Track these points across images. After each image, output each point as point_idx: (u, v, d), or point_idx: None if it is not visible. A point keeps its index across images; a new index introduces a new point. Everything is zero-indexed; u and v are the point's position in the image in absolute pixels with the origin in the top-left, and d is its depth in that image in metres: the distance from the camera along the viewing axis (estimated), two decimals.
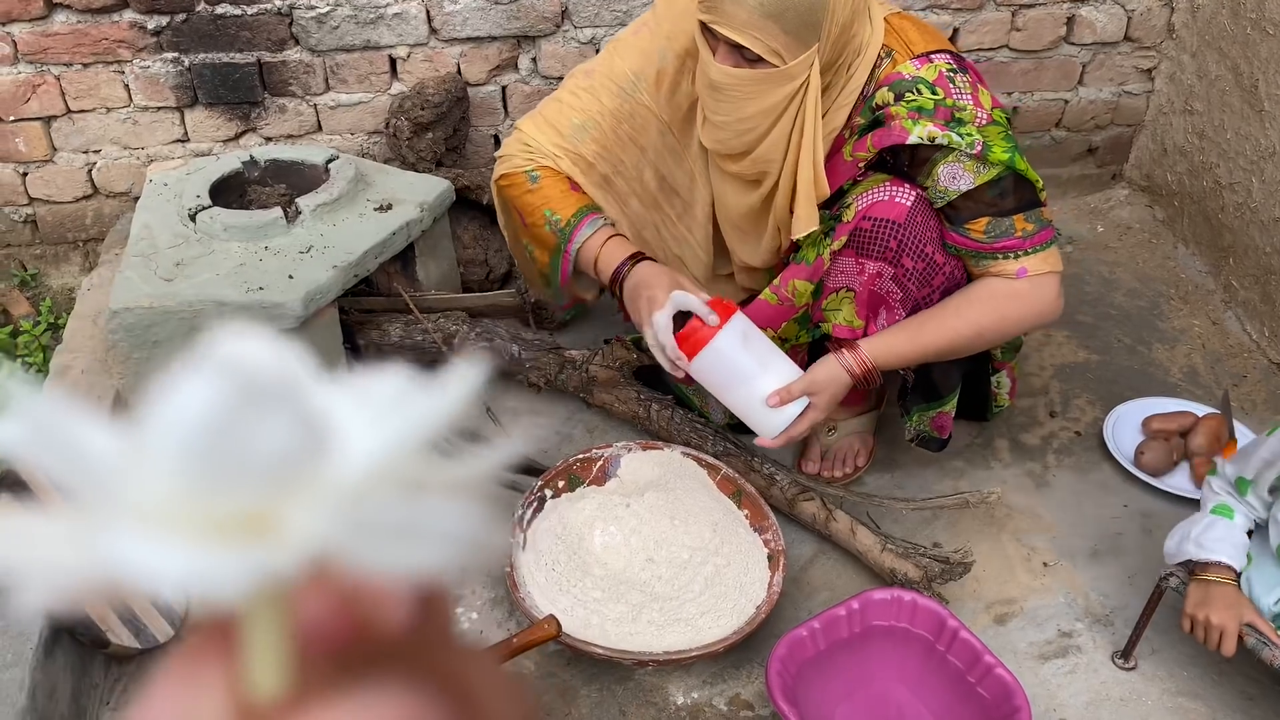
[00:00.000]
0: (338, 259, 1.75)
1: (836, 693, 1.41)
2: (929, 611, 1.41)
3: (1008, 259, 1.47)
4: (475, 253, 2.11)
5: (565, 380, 1.86)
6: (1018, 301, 1.48)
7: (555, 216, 1.59)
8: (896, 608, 1.42)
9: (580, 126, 1.61)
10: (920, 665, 1.42)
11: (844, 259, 1.54)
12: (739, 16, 1.33)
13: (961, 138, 1.41)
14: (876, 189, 1.49)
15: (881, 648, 1.43)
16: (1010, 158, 1.42)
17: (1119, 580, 1.62)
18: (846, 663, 1.42)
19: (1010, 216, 1.46)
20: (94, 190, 2.22)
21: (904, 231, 1.48)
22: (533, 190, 1.60)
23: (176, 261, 1.74)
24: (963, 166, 1.43)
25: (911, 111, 1.43)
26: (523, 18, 2.09)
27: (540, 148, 1.62)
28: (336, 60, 2.11)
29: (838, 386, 1.50)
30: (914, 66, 1.45)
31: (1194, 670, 1.48)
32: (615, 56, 1.60)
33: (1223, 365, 2.04)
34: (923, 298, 1.53)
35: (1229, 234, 2.14)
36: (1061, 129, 2.41)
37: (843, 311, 1.57)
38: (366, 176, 1.95)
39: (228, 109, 2.14)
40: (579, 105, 1.61)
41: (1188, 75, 2.25)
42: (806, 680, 1.39)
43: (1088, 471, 1.81)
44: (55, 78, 2.07)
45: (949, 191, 1.45)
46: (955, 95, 1.43)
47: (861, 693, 1.42)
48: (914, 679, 1.42)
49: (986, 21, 2.23)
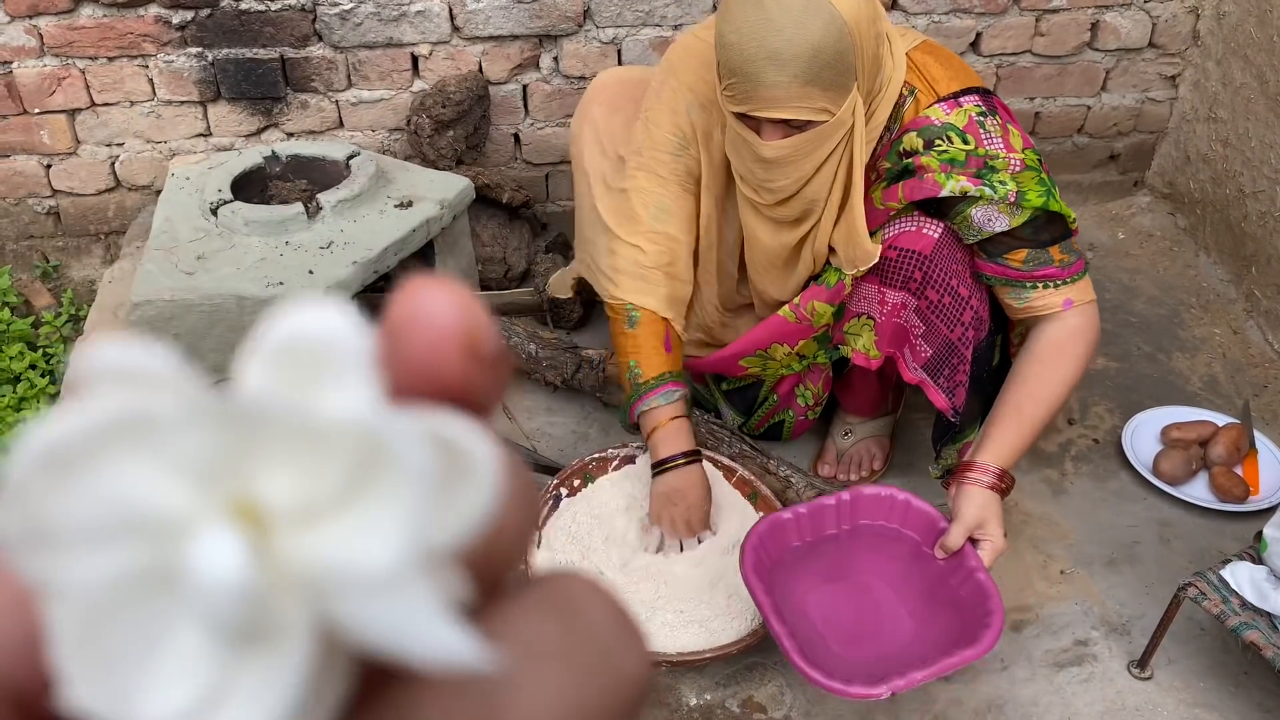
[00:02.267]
0: (358, 255, 1.75)
1: (813, 580, 1.42)
2: (921, 513, 1.42)
3: (1049, 288, 1.45)
4: (494, 251, 2.11)
5: (582, 379, 1.86)
6: (1081, 340, 1.46)
7: (637, 370, 1.55)
8: (888, 506, 1.42)
9: (657, 210, 1.56)
10: (904, 565, 1.43)
11: (866, 285, 1.51)
12: (777, 97, 1.30)
13: (994, 189, 1.38)
14: (903, 220, 1.47)
15: (868, 544, 1.44)
16: (1044, 201, 1.40)
17: (1136, 589, 1.61)
18: (829, 553, 1.44)
19: (1046, 248, 1.44)
20: (116, 183, 2.23)
21: (929, 264, 1.46)
22: (627, 334, 1.56)
23: (198, 255, 1.75)
24: (997, 210, 1.41)
25: (944, 164, 1.40)
26: (545, 17, 2.09)
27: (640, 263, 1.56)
28: (359, 57, 2.12)
29: (993, 507, 1.43)
30: (943, 111, 1.41)
31: (1211, 681, 1.47)
32: (651, 127, 1.55)
33: (1243, 375, 2.03)
34: (956, 337, 1.50)
35: (1251, 243, 2.13)
36: (1084, 135, 2.40)
37: (862, 338, 1.55)
38: (387, 173, 1.95)
39: (250, 104, 2.15)
40: (644, 187, 1.57)
41: (1212, 82, 2.24)
42: (785, 566, 1.41)
43: (1106, 479, 1.80)
44: (80, 71, 2.08)
45: (984, 231, 1.43)
46: (987, 143, 1.40)
47: (840, 584, 1.44)
48: (895, 577, 1.43)
49: (1010, 26, 2.22)
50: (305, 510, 0.17)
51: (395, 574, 0.16)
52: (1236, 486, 1.71)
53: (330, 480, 0.17)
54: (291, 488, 0.17)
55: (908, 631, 1.39)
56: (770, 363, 1.65)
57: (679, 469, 1.50)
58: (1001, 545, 1.42)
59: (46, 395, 1.95)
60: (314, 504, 0.17)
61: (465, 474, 0.18)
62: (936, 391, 1.53)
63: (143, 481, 0.17)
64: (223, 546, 0.16)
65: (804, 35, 1.25)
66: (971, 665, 1.49)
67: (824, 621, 1.40)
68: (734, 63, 1.30)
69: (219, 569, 0.16)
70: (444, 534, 0.17)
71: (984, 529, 1.41)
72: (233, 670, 0.17)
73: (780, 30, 1.26)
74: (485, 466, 0.18)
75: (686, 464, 1.51)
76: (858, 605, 1.42)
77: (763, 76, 1.28)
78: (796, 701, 1.45)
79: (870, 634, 1.39)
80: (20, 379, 1.99)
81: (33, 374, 1.99)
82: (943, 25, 2.19)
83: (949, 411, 1.54)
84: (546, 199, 2.34)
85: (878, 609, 1.42)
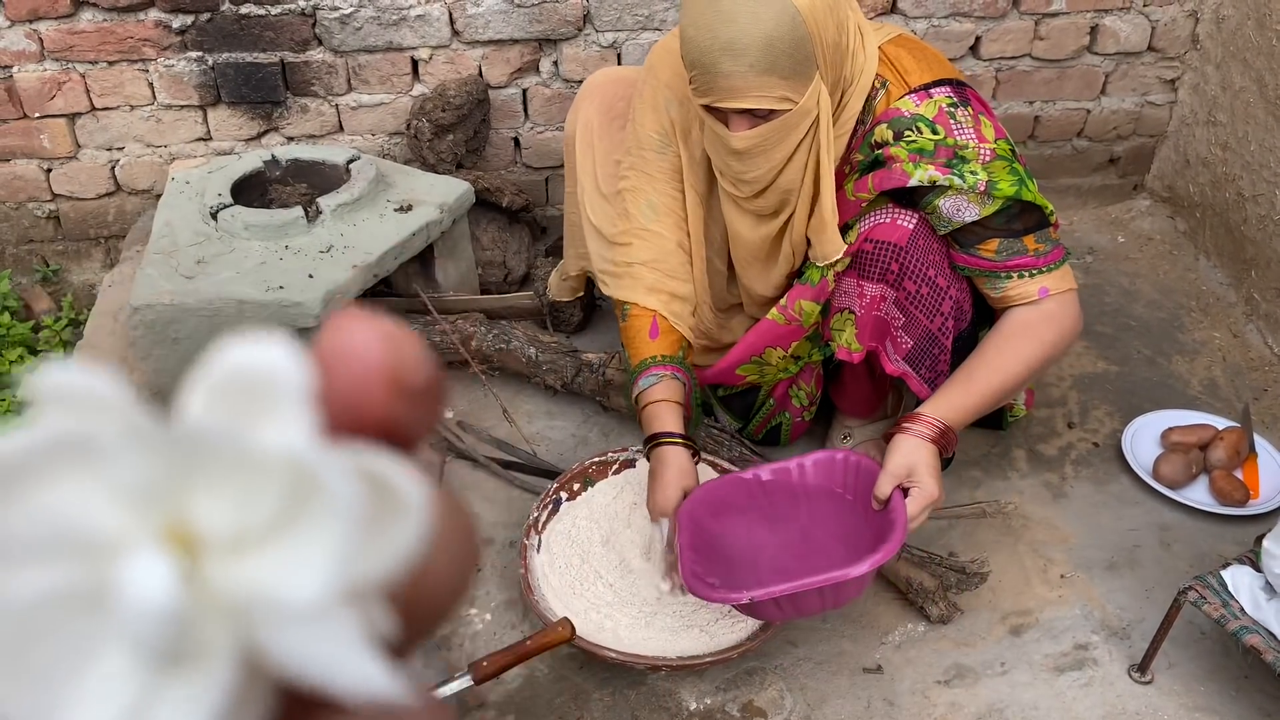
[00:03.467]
0: (357, 259, 1.75)
1: (758, 524, 1.46)
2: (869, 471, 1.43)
3: (1024, 278, 1.45)
4: (494, 254, 2.11)
5: (582, 383, 1.86)
6: (1051, 324, 1.46)
7: (628, 360, 1.59)
8: (842, 467, 1.46)
9: (648, 207, 1.60)
10: (840, 514, 1.45)
11: (846, 280, 1.52)
12: (736, 87, 1.31)
13: (963, 179, 1.39)
14: (878, 212, 1.48)
15: (816, 500, 1.47)
16: (1016, 190, 1.40)
17: (1136, 593, 1.61)
18: (780, 506, 1.47)
19: (1020, 238, 1.44)
20: (116, 187, 2.23)
21: (905, 255, 1.46)
22: (622, 328, 1.61)
23: (197, 259, 1.75)
24: (966, 199, 1.41)
25: (913, 154, 1.40)
26: (545, 21, 2.09)
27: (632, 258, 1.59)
28: (359, 61, 2.12)
29: (923, 455, 1.40)
30: (913, 102, 1.42)
31: (1211, 685, 1.47)
32: (636, 126, 1.59)
33: (1243, 378, 2.03)
34: (936, 328, 1.51)
35: (1251, 246, 2.13)
36: (1083, 139, 2.40)
37: (845, 333, 1.56)
38: (387, 177, 1.96)
39: (250, 108, 2.15)
40: (636, 186, 1.60)
41: (1211, 86, 2.24)
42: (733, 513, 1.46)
43: (1106, 483, 1.80)
44: (80, 75, 2.08)
45: (954, 221, 1.44)
46: (956, 133, 1.40)
47: (781, 528, 1.46)
48: (832, 525, 1.44)
49: (1009, 30, 2.22)
50: (237, 538, 0.18)
51: (320, 605, 0.17)
52: (1237, 490, 1.71)
53: (262, 510, 0.18)
54: (225, 515, 0.18)
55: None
56: (766, 368, 1.66)
57: (653, 450, 1.49)
58: (932, 493, 1.37)
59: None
60: (246, 532, 0.18)
61: (395, 511, 0.18)
62: (919, 382, 1.54)
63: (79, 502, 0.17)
64: (152, 569, 0.17)
65: (757, 24, 1.27)
66: (975, 668, 1.49)
67: (761, 557, 1.43)
68: (692, 55, 1.33)
69: (147, 591, 0.16)
70: (371, 568, 0.18)
71: (913, 476, 1.38)
72: (155, 692, 0.17)
73: (733, 20, 1.28)
74: (414, 504, 0.18)
75: (657, 446, 1.48)
76: (792, 547, 1.44)
77: (719, 67, 1.30)
78: (797, 706, 1.45)
79: (798, 570, 1.37)
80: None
81: None
82: (942, 29, 2.19)
83: None
84: (546, 203, 2.34)
85: (808, 548, 1.42)
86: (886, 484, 1.38)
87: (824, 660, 1.51)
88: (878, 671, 1.50)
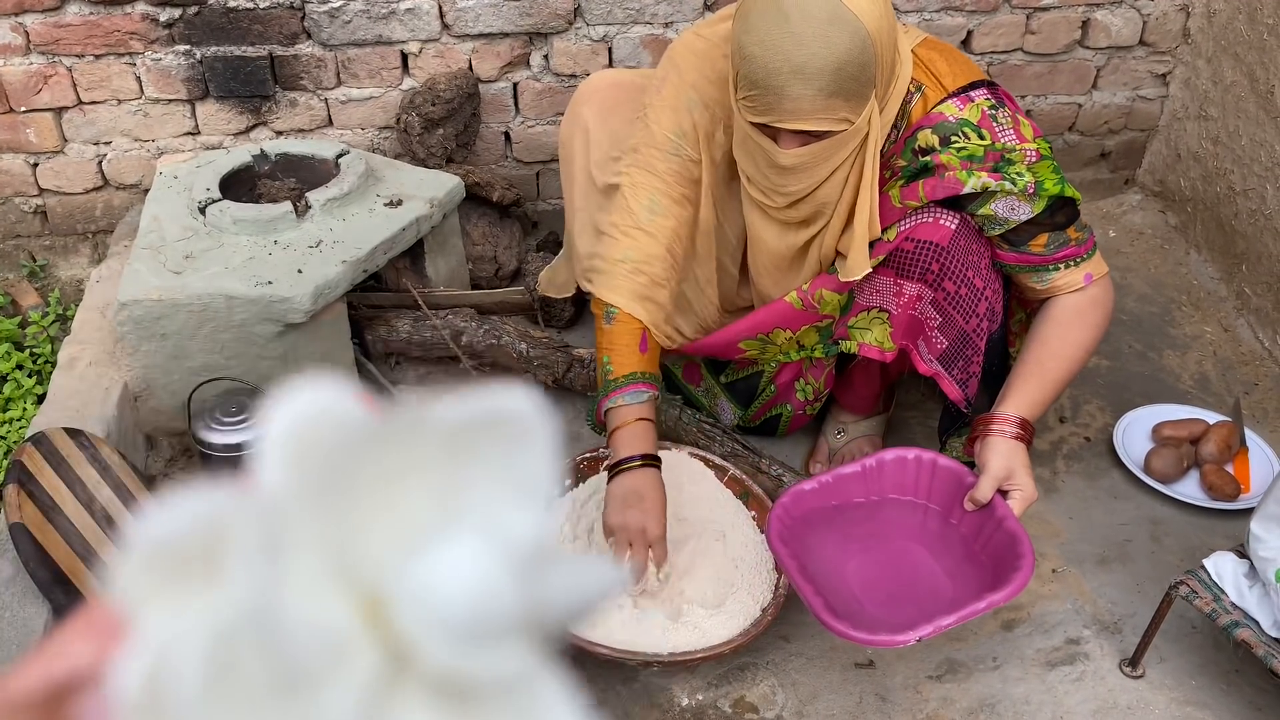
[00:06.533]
0: (347, 254, 1.75)
1: (848, 548, 1.43)
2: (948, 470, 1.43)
3: (1069, 267, 1.47)
4: (484, 249, 2.11)
5: (573, 379, 1.85)
6: (1099, 308, 1.49)
7: (610, 366, 1.51)
8: (915, 467, 1.45)
9: (649, 206, 1.53)
10: (937, 527, 1.44)
11: (880, 277, 1.50)
12: (801, 110, 1.29)
13: (1014, 181, 1.39)
14: (920, 212, 1.46)
15: (897, 510, 1.45)
16: (1060, 189, 1.42)
17: (1127, 587, 1.61)
18: (860, 520, 1.44)
19: (1064, 230, 1.46)
20: (104, 182, 2.22)
21: (947, 255, 1.45)
22: (604, 330, 1.53)
23: (185, 254, 1.74)
24: (1017, 199, 1.42)
25: (964, 161, 1.40)
26: (535, 14, 2.08)
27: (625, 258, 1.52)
28: (348, 55, 2.11)
29: (1019, 456, 1.41)
30: (955, 107, 1.41)
31: (1202, 679, 1.47)
32: (650, 124, 1.53)
33: (1234, 373, 2.03)
34: (972, 329, 1.50)
35: (1242, 241, 2.13)
36: (1075, 133, 2.40)
37: (873, 332, 1.55)
38: (377, 172, 1.95)
39: (239, 102, 2.14)
40: (639, 182, 1.54)
41: (1203, 80, 2.24)
42: (814, 533, 1.42)
43: (1097, 478, 1.80)
44: (67, 69, 2.07)
45: (1009, 221, 1.44)
46: (1001, 136, 1.41)
47: (875, 551, 1.44)
48: (929, 540, 1.44)
49: (1001, 24, 2.21)
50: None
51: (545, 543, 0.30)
52: (1227, 484, 1.71)
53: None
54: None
55: (947, 590, 1.39)
56: (769, 347, 1.63)
57: (637, 470, 1.43)
58: (1032, 493, 1.41)
59: (33, 395, 1.94)
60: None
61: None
62: (950, 383, 1.54)
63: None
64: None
65: (830, 50, 1.24)
66: (967, 663, 1.49)
67: (861, 587, 1.40)
68: (756, 75, 1.29)
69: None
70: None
71: (1013, 479, 1.41)
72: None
73: (805, 44, 1.24)
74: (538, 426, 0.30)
75: (644, 466, 1.44)
76: (894, 569, 1.42)
77: (787, 90, 1.27)
78: (788, 701, 1.45)
79: (908, 595, 1.38)
80: (7, 379, 1.97)
81: (19, 374, 1.97)
82: (934, 23, 2.19)
83: (962, 403, 1.55)
84: (537, 197, 2.33)
85: (915, 571, 1.42)
86: (988, 487, 1.40)
87: (816, 656, 1.51)
88: (869, 666, 1.50)
